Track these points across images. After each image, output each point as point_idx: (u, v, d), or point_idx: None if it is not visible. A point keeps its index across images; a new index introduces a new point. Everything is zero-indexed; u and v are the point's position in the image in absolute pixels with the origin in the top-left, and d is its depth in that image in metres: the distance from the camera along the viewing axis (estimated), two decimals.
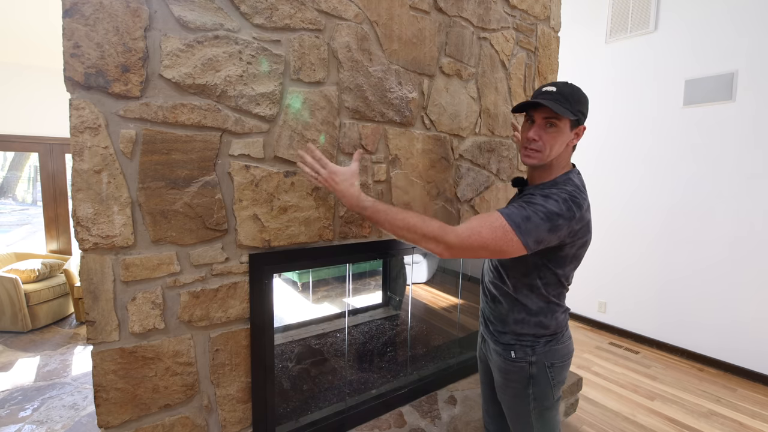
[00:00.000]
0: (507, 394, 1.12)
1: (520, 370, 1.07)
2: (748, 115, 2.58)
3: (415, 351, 2.16)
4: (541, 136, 0.96)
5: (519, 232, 0.86)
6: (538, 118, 0.97)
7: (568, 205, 0.90)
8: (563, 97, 0.93)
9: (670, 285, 2.99)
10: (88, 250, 0.94)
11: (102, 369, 0.98)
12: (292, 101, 1.20)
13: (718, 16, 2.70)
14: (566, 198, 0.91)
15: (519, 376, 1.07)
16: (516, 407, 1.11)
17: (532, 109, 0.98)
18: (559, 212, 0.88)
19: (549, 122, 0.95)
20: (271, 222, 1.20)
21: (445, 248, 0.88)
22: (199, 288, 1.10)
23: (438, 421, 1.63)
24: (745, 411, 2.27)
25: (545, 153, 0.97)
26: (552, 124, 0.95)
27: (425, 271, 3.00)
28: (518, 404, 1.10)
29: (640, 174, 3.15)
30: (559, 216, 0.88)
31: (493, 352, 1.14)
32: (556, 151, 0.98)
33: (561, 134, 0.96)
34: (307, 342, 2.18)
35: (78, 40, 0.88)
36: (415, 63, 1.49)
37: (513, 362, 1.07)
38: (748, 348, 2.62)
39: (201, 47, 1.03)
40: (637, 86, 3.15)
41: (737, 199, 2.64)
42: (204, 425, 1.15)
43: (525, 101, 0.98)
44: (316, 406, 1.58)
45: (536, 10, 1.92)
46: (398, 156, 1.48)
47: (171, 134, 1.01)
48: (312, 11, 1.22)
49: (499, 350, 1.11)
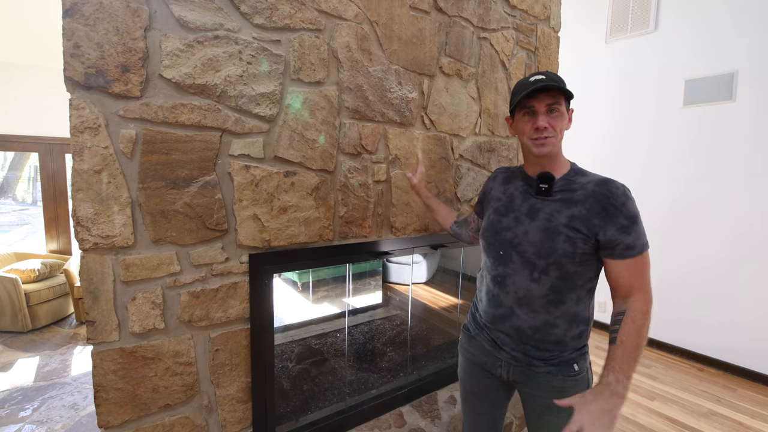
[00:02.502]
0: (562, 416, 0.97)
1: (581, 381, 0.99)
2: (748, 115, 2.58)
3: (415, 351, 2.16)
4: (550, 123, 0.95)
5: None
6: (540, 107, 0.95)
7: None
8: (555, 81, 0.93)
9: (669, 284, 2.99)
10: (88, 250, 0.94)
11: (102, 369, 0.98)
12: (292, 101, 1.20)
13: (718, 16, 2.70)
14: (629, 194, 0.93)
15: (581, 388, 0.99)
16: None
17: (532, 98, 0.96)
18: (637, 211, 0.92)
19: (551, 108, 0.94)
20: (271, 222, 1.20)
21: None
22: (199, 288, 1.10)
23: (438, 421, 1.63)
24: (745, 411, 2.27)
25: (558, 138, 0.96)
26: (554, 109, 0.94)
27: (425, 271, 3.00)
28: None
29: (640, 174, 3.15)
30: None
31: (542, 376, 1.00)
32: (562, 136, 0.98)
33: (564, 117, 0.97)
34: (307, 342, 2.18)
35: (78, 40, 0.88)
36: (415, 63, 1.49)
37: (574, 376, 0.98)
38: (748, 348, 2.62)
39: (201, 47, 1.03)
40: (637, 86, 3.15)
41: (737, 199, 2.64)
42: (204, 425, 1.15)
43: (531, 88, 0.93)
44: (316, 406, 1.58)
45: (536, 10, 1.92)
46: (398, 156, 1.48)
47: (171, 134, 1.01)
48: (312, 11, 1.22)
49: (552, 370, 0.99)
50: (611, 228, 0.88)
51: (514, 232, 1.00)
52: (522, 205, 1.02)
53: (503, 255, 1.01)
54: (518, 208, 1.02)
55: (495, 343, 1.07)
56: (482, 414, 1.16)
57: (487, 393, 1.14)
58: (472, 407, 1.18)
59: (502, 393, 1.14)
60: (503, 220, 1.03)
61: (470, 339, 1.16)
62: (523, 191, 1.04)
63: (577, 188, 0.95)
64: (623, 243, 0.88)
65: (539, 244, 0.94)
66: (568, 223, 0.92)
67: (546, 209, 0.97)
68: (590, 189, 0.93)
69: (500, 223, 1.04)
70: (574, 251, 0.91)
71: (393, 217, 1.50)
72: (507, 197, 1.07)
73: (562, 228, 0.92)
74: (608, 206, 0.89)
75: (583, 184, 0.95)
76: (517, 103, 0.98)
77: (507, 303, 1.01)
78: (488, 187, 1.19)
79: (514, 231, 1.00)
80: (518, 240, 0.98)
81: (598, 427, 0.75)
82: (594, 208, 0.90)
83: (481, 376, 1.13)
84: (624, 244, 0.88)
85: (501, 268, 1.02)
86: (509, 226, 1.01)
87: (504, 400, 1.15)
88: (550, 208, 0.96)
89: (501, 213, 1.06)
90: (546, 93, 0.93)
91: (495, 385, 1.12)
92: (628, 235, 0.88)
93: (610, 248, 0.90)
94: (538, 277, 0.95)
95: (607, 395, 0.80)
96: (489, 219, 1.09)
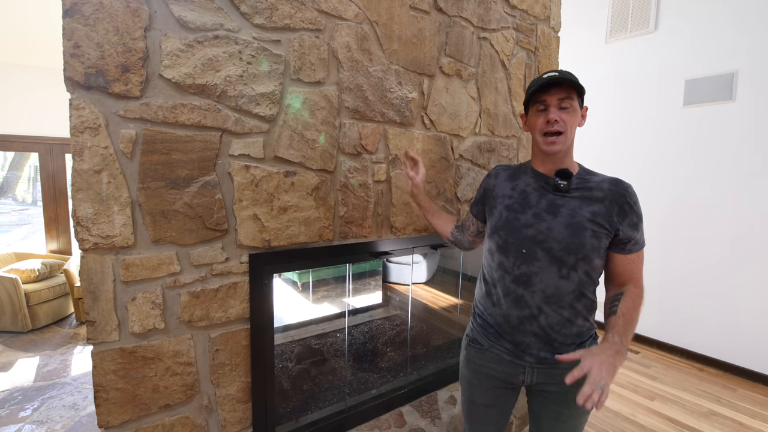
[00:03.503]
0: (579, 413, 1.01)
1: None
2: (748, 115, 2.58)
3: (415, 351, 2.16)
4: (561, 117, 0.94)
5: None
6: (552, 101, 0.95)
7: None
8: (567, 76, 0.94)
9: (669, 284, 2.99)
10: (88, 250, 0.94)
11: (102, 369, 0.98)
12: (292, 101, 1.20)
13: (718, 16, 2.70)
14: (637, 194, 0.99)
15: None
16: (586, 415, 1.04)
17: (545, 92, 0.96)
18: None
19: (563, 103, 0.94)
20: (271, 222, 1.20)
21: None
22: (199, 288, 1.10)
23: (438, 421, 1.63)
24: (745, 411, 2.27)
25: (568, 134, 0.96)
26: (566, 104, 0.94)
27: (425, 271, 3.00)
28: (584, 416, 1.04)
29: (640, 174, 3.15)
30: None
31: (567, 371, 0.92)
32: (573, 133, 0.98)
33: (576, 114, 0.97)
34: (307, 342, 2.18)
35: (78, 40, 0.88)
36: (415, 63, 1.49)
37: None
38: (748, 348, 2.63)
39: (201, 47, 1.03)
40: (637, 86, 3.15)
41: (737, 199, 2.65)
42: (204, 425, 1.15)
43: (543, 82, 0.94)
44: (316, 406, 1.58)
45: (536, 10, 1.92)
46: (398, 156, 1.48)
47: (171, 134, 1.01)
48: (312, 11, 1.22)
49: (575, 363, 0.96)
50: (626, 225, 0.94)
51: (536, 228, 0.97)
52: (540, 201, 1.00)
53: (526, 253, 0.98)
54: (536, 205, 1.00)
55: (518, 349, 1.02)
56: (491, 424, 1.14)
57: (497, 403, 1.11)
58: (480, 419, 1.14)
59: (510, 400, 1.12)
60: (521, 217, 1.00)
61: (482, 352, 1.10)
62: (538, 187, 1.02)
63: (593, 186, 0.98)
64: (633, 239, 0.95)
65: (567, 240, 0.94)
66: (592, 218, 0.94)
67: (567, 205, 0.97)
68: (606, 188, 0.97)
69: (518, 220, 1.01)
70: (600, 246, 0.94)
71: (393, 217, 1.50)
72: (519, 193, 1.05)
73: (587, 223, 0.94)
74: (624, 204, 0.94)
75: (598, 183, 0.98)
76: (530, 99, 0.99)
77: (533, 302, 0.98)
78: (489, 184, 1.15)
79: (537, 227, 0.97)
80: (543, 236, 0.96)
81: (602, 375, 0.78)
82: (612, 206, 0.94)
83: (493, 387, 1.10)
84: (634, 240, 0.95)
85: (525, 267, 0.98)
86: (529, 223, 0.99)
87: (511, 407, 1.14)
88: (572, 205, 0.96)
89: (516, 210, 1.02)
90: (558, 87, 0.94)
91: (506, 394, 1.10)
92: (637, 231, 0.95)
93: (623, 244, 0.95)
94: (567, 273, 0.95)
95: (612, 351, 0.84)
96: (502, 216, 1.05)
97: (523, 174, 1.08)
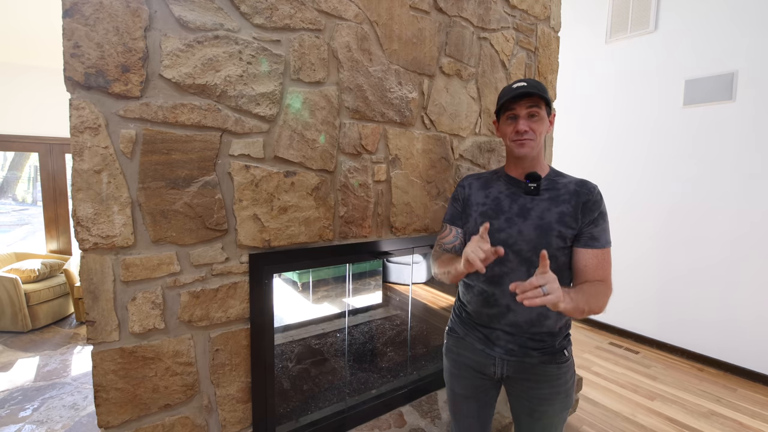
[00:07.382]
0: (556, 404, 1.05)
1: (570, 366, 1.06)
2: (748, 115, 2.58)
3: (415, 351, 2.16)
4: (530, 126, 1.02)
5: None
6: (521, 111, 1.02)
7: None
8: (535, 88, 1.00)
9: (670, 284, 2.99)
10: (88, 250, 0.94)
11: (102, 369, 0.98)
12: (292, 101, 1.20)
13: (718, 16, 2.70)
14: (601, 195, 1.04)
15: (570, 374, 1.06)
16: (561, 416, 1.06)
17: (514, 102, 1.02)
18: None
19: (531, 113, 1.02)
20: (271, 222, 1.20)
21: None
22: (199, 288, 1.10)
23: (438, 421, 1.63)
24: (745, 411, 2.27)
25: (537, 141, 1.03)
26: (534, 114, 1.02)
27: (425, 271, 3.00)
28: (564, 410, 1.06)
29: (640, 174, 3.15)
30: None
31: (537, 366, 1.04)
32: (541, 139, 1.05)
33: (543, 121, 1.03)
34: (307, 342, 2.18)
35: (78, 40, 0.88)
36: (415, 63, 1.49)
37: (565, 362, 1.05)
38: (748, 348, 2.62)
39: (201, 47, 1.03)
40: (637, 86, 3.15)
41: (737, 199, 2.64)
42: (204, 425, 1.15)
43: (513, 94, 1.01)
44: (316, 406, 1.59)
45: (536, 10, 1.92)
46: (398, 156, 1.48)
47: (171, 134, 1.01)
48: (312, 11, 1.22)
49: (546, 359, 1.04)
50: (585, 219, 1.00)
51: (507, 232, 1.03)
52: (511, 206, 1.06)
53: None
54: (508, 210, 1.06)
55: (488, 339, 1.09)
56: (472, 417, 1.16)
57: (476, 394, 1.14)
58: (461, 411, 1.17)
59: (490, 393, 1.15)
60: (494, 223, 1.06)
61: (458, 341, 1.17)
62: (510, 193, 1.09)
63: (561, 188, 1.04)
64: (589, 233, 0.99)
65: (535, 241, 1.00)
66: (559, 219, 1.00)
67: (537, 208, 1.03)
68: (572, 188, 1.03)
69: (491, 225, 1.05)
70: (565, 245, 1.00)
71: (393, 217, 1.50)
72: (492, 201, 1.10)
73: (554, 224, 1.00)
74: (587, 202, 1.00)
75: (565, 184, 1.05)
76: (501, 108, 1.06)
77: (503, 301, 1.04)
78: (465, 194, 1.17)
79: (508, 232, 1.03)
80: (513, 240, 1.02)
81: (553, 287, 0.78)
82: (577, 205, 1.00)
83: (471, 377, 1.14)
84: (590, 234, 0.99)
85: (497, 269, 1.04)
86: (502, 228, 1.04)
87: (492, 401, 1.17)
88: (541, 207, 1.03)
89: (490, 216, 1.08)
90: (527, 98, 1.00)
91: (485, 386, 1.13)
92: (596, 227, 0.99)
93: (579, 236, 1.00)
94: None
95: (563, 292, 0.84)
96: (477, 223, 1.09)
97: (495, 181, 1.15)
